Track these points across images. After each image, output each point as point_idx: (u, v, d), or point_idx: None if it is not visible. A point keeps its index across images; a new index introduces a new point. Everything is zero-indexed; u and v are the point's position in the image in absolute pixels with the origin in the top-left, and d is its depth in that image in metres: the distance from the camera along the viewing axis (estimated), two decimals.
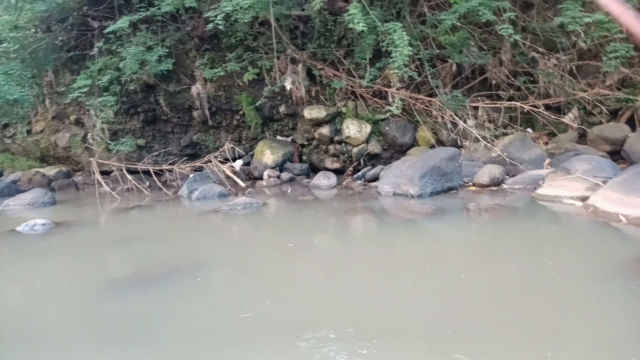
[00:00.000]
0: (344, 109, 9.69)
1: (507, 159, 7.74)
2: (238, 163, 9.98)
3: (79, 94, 9.17)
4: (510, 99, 9.21)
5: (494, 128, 8.97)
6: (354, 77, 9.55)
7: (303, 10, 9.43)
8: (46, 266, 4.28)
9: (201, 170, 9.12)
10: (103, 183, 8.89)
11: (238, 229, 5.82)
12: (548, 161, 7.48)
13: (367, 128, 9.50)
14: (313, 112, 9.65)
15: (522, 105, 8.84)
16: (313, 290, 3.31)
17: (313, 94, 9.87)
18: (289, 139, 10.37)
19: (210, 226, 5.93)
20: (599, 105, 8.70)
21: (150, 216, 6.78)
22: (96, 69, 9.50)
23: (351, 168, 9.60)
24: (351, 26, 7.80)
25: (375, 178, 8.27)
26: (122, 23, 8.78)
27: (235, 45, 9.80)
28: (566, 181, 5.91)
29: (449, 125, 9.05)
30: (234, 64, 9.44)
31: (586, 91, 8.78)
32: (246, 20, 8.14)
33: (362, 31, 7.76)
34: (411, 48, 7.91)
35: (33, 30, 10.30)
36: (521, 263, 3.68)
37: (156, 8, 8.85)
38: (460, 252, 4.14)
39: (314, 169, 9.80)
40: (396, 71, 7.95)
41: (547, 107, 8.85)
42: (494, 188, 6.98)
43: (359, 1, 8.07)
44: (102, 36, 9.56)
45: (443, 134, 9.20)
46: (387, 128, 9.47)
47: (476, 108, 9.18)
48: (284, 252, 4.30)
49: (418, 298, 3.04)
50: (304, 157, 10.28)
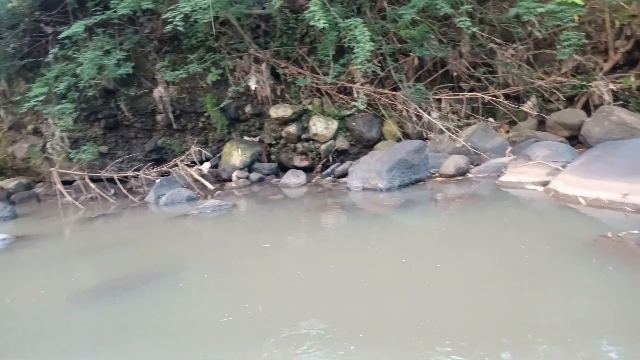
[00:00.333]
0: (310, 107, 9.69)
1: (471, 149, 7.92)
2: (206, 166, 9.86)
3: (36, 103, 8.84)
4: (471, 90, 9.42)
5: (457, 119, 9.15)
6: (318, 75, 9.57)
7: (264, 8, 9.36)
8: (13, 282, 4.13)
9: (168, 175, 8.95)
10: (65, 193, 8.62)
11: (209, 233, 5.75)
12: (510, 149, 7.68)
13: (334, 124, 9.54)
14: (279, 111, 9.62)
15: (483, 95, 9.07)
16: (292, 289, 3.30)
17: (278, 93, 9.83)
18: (257, 139, 10.30)
19: (180, 231, 5.83)
20: (556, 92, 9.01)
21: (117, 224, 6.61)
22: (52, 76, 9.16)
23: (320, 165, 9.62)
24: (312, 23, 7.82)
25: (344, 174, 8.30)
26: (77, 28, 8.50)
27: (196, 46, 9.65)
28: (527, 167, 6.10)
29: (414, 118, 9.18)
30: (196, 66, 9.30)
31: (543, 79, 9.06)
32: (206, 20, 8.02)
33: (324, 28, 7.79)
34: (373, 43, 7.98)
35: None
36: (493, 248, 3.77)
37: (112, 11, 8.59)
38: (432, 242, 4.21)
39: (283, 168, 9.77)
40: (359, 67, 8.02)
41: (507, 97, 9.08)
42: (460, 178, 7.13)
43: None
44: (57, 42, 9.22)
45: (408, 127, 9.32)
46: (354, 124, 9.53)
47: (439, 100, 9.35)
48: (259, 253, 4.27)
49: (397, 290, 3.07)
50: (273, 157, 10.23)
